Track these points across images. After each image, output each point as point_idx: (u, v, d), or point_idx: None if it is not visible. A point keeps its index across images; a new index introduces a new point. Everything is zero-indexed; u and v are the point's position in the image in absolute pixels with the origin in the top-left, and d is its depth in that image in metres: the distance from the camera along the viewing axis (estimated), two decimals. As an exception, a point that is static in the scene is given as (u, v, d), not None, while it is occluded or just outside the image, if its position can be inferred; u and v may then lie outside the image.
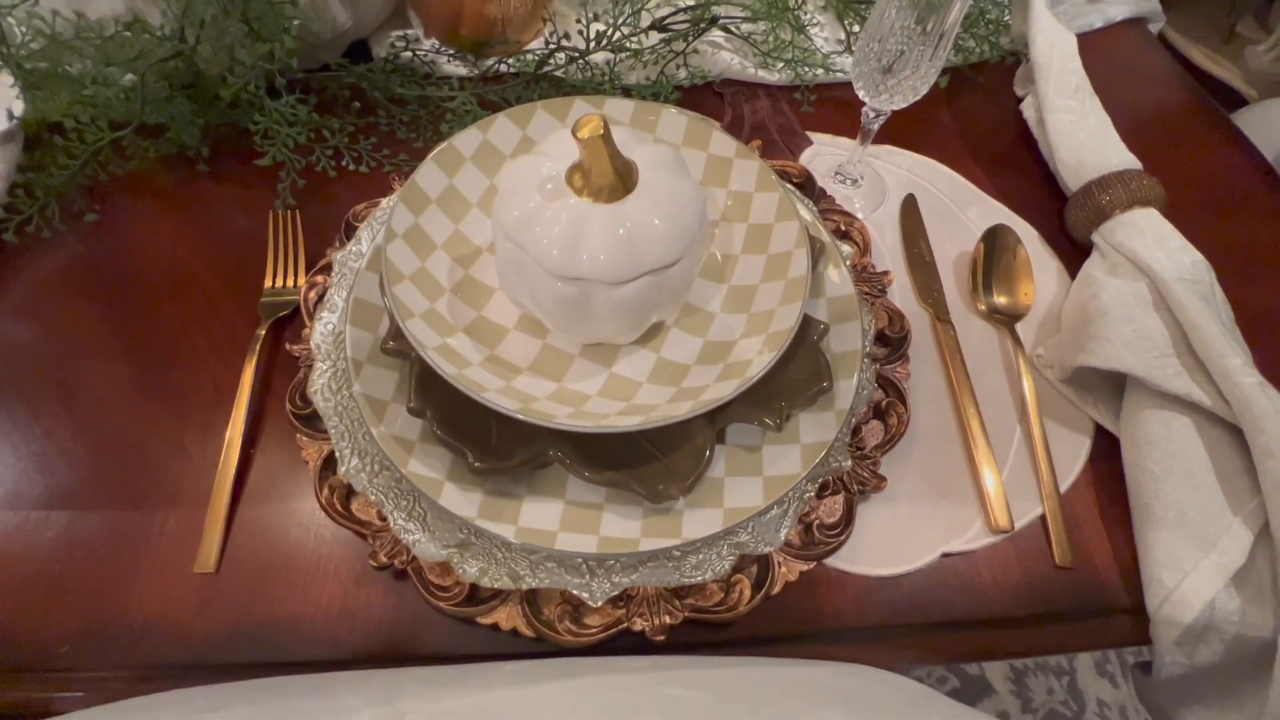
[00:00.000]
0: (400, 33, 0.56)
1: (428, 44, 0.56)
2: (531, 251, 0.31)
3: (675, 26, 0.56)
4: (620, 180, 0.32)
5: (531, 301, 0.34)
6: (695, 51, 0.57)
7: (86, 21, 0.46)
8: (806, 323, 0.36)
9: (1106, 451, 0.41)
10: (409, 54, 0.55)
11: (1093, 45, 0.57)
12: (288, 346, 0.41)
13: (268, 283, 0.45)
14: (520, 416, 0.30)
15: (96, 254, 0.47)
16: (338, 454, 0.35)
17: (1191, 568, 0.35)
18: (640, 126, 0.40)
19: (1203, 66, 1.21)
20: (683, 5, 0.57)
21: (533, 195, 0.32)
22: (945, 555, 0.37)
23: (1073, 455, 0.41)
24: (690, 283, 0.36)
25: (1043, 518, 0.39)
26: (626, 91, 0.55)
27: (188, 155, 0.49)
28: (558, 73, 0.55)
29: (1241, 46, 1.21)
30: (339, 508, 0.35)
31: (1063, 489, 0.40)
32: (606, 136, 0.30)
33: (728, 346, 0.36)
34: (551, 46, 0.53)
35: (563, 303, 0.32)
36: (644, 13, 0.55)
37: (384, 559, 0.34)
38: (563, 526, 0.33)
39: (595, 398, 0.34)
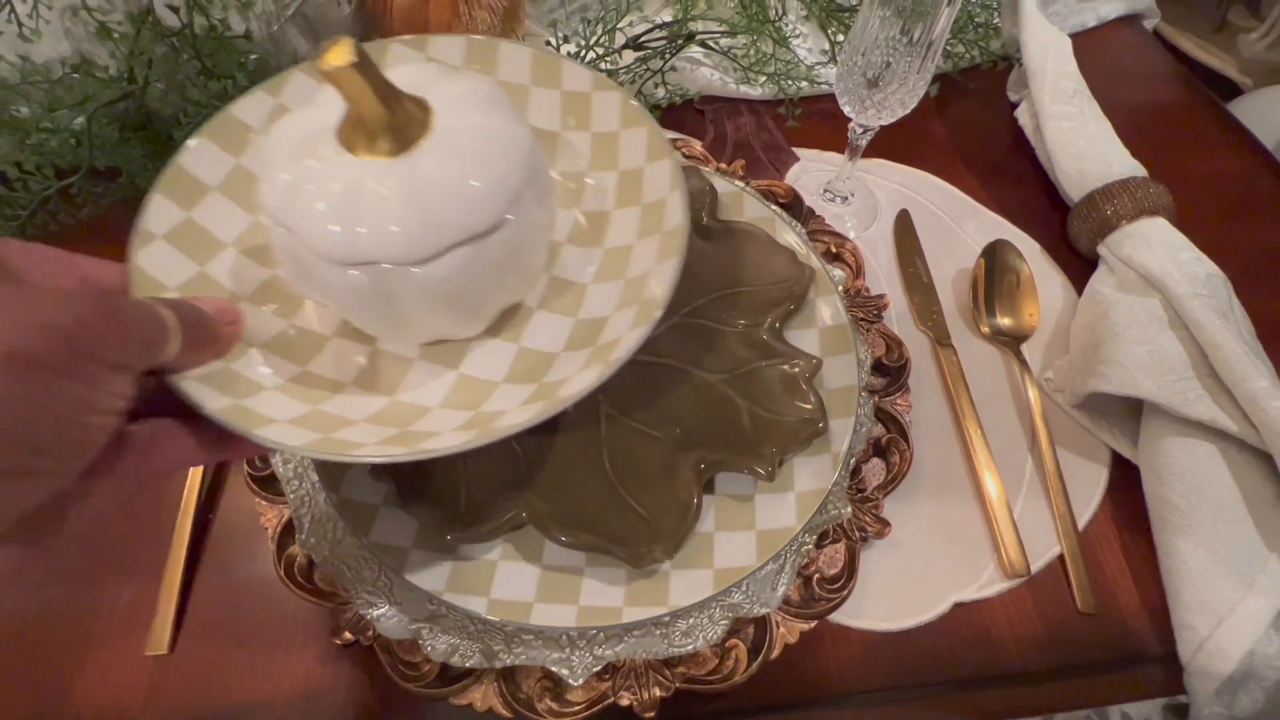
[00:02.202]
0: (366, 61, 0.54)
1: (395, 72, 0.54)
2: (300, 233, 0.25)
3: (652, 44, 0.54)
4: (401, 126, 0.25)
5: (324, 297, 0.28)
6: (673, 69, 0.55)
7: (32, 65, 0.44)
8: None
9: (1126, 481, 0.38)
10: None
11: (1087, 45, 0.55)
12: (247, 401, 0.38)
13: (228, 332, 0.42)
14: (307, 454, 0.24)
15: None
16: (296, 521, 0.33)
17: (1227, 612, 0.32)
18: (480, 69, 0.33)
19: (1195, 56, 1.19)
20: (659, 22, 0.55)
21: (297, 160, 0.25)
22: (957, 605, 0.35)
23: (1090, 487, 0.38)
24: (538, 250, 0.29)
25: (1061, 558, 0.36)
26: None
27: (143, 199, 0.47)
28: (531, 97, 0.52)
29: (1233, 35, 1.19)
30: (301, 579, 0.33)
31: (1081, 525, 0.37)
32: (365, 66, 0.23)
33: (600, 324, 0.29)
34: (522, 70, 0.51)
35: (357, 295, 0.26)
36: (618, 31, 0.53)
37: (349, 636, 0.31)
38: (539, 596, 0.30)
39: (436, 410, 0.27)
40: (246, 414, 0.24)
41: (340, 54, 0.23)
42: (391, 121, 0.24)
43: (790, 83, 0.55)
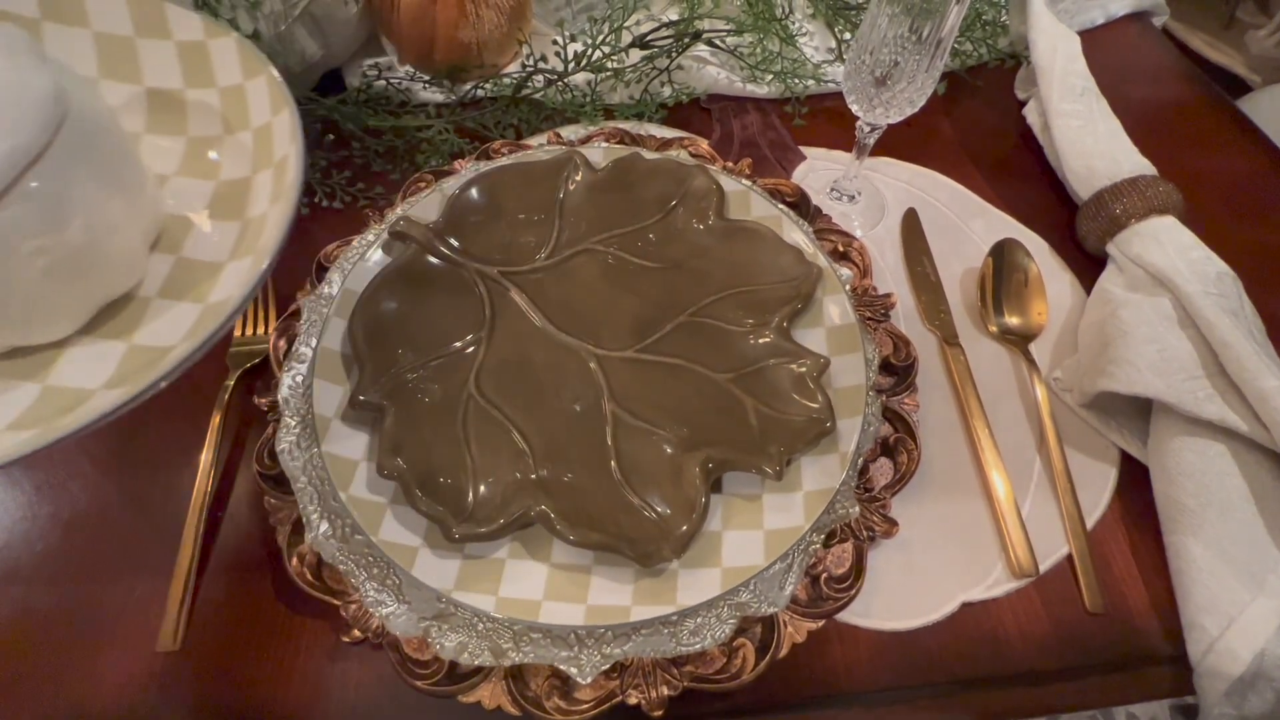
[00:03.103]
0: (373, 61, 0.54)
1: (402, 71, 0.54)
2: None
3: (658, 43, 0.54)
4: None
5: None
6: (680, 68, 0.55)
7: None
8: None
9: (1135, 480, 0.38)
10: (382, 82, 0.53)
11: (1095, 43, 0.55)
12: (255, 399, 0.38)
13: (237, 331, 0.42)
14: None
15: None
16: (305, 519, 0.33)
17: (1237, 612, 0.32)
18: (66, 21, 0.28)
19: (1203, 54, 1.19)
20: (665, 21, 0.55)
21: None
22: (965, 605, 0.34)
23: (1098, 486, 0.38)
24: (120, 242, 0.24)
25: (1069, 558, 0.36)
26: (609, 113, 0.53)
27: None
28: (537, 95, 0.53)
29: (1242, 32, 1.18)
30: (310, 576, 0.33)
31: (1090, 525, 0.37)
32: None
33: (214, 270, 0.26)
34: (529, 69, 0.51)
35: None
36: (624, 31, 0.53)
37: (357, 634, 0.31)
38: (548, 594, 0.30)
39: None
40: None
41: None
42: None
43: (797, 81, 0.55)
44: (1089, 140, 0.48)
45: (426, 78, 0.54)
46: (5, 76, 0.21)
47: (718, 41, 0.56)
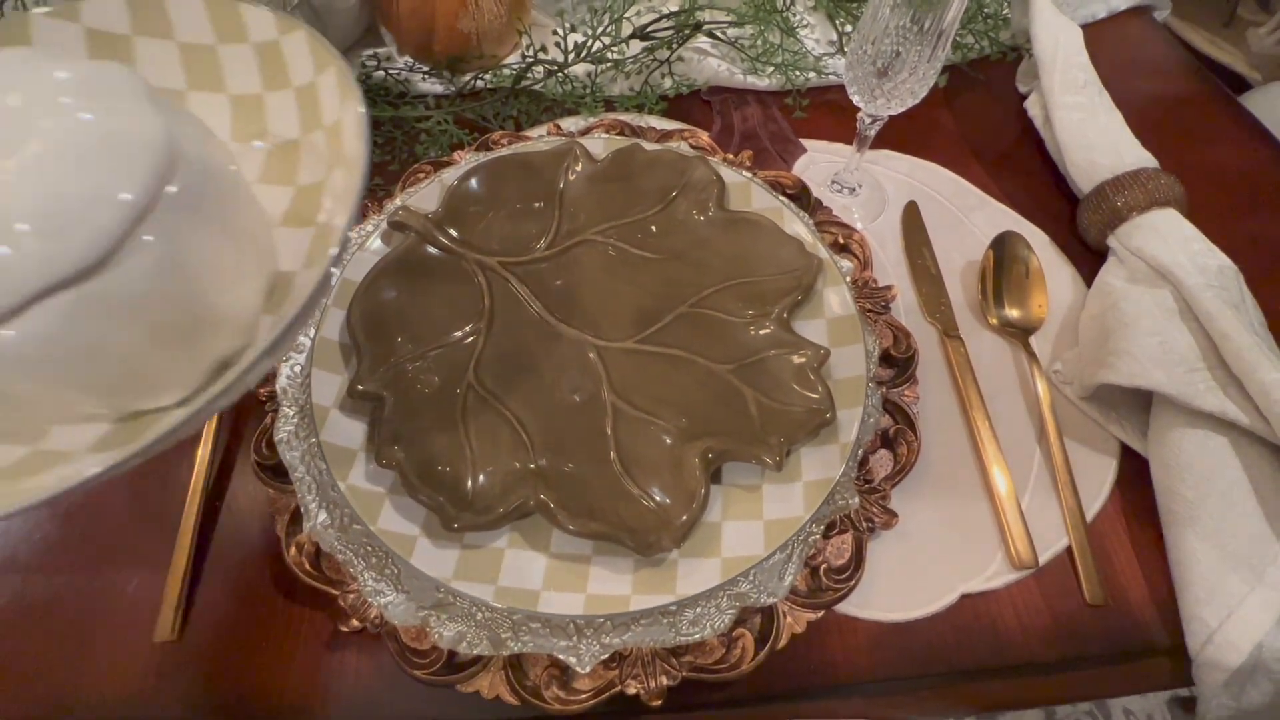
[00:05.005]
0: (372, 52, 0.54)
1: (401, 62, 0.54)
2: None
3: (658, 34, 0.53)
4: None
5: None
6: (680, 59, 0.55)
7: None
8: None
9: (1135, 473, 0.38)
10: (382, 73, 0.52)
11: (1097, 36, 0.55)
12: (253, 389, 0.38)
13: (234, 321, 0.42)
14: None
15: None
16: (303, 508, 0.32)
17: (1236, 604, 0.32)
18: (153, 33, 0.27)
19: (1204, 51, 1.18)
20: (666, 12, 0.55)
21: None
22: (965, 596, 0.34)
23: (1098, 479, 0.38)
24: (232, 295, 0.23)
25: (1069, 550, 0.36)
26: (610, 104, 0.53)
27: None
28: (536, 86, 0.52)
29: (1243, 29, 1.18)
30: (309, 566, 0.33)
31: (1089, 517, 0.37)
32: None
33: (288, 279, 0.24)
34: (528, 60, 0.51)
35: None
36: (625, 21, 0.53)
37: (355, 623, 0.31)
38: (547, 584, 0.30)
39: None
40: None
41: None
42: None
43: (798, 73, 0.55)
44: (1090, 133, 0.47)
45: (426, 68, 0.53)
46: (113, 123, 0.20)
47: (718, 33, 0.55)
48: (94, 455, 0.22)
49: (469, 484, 0.32)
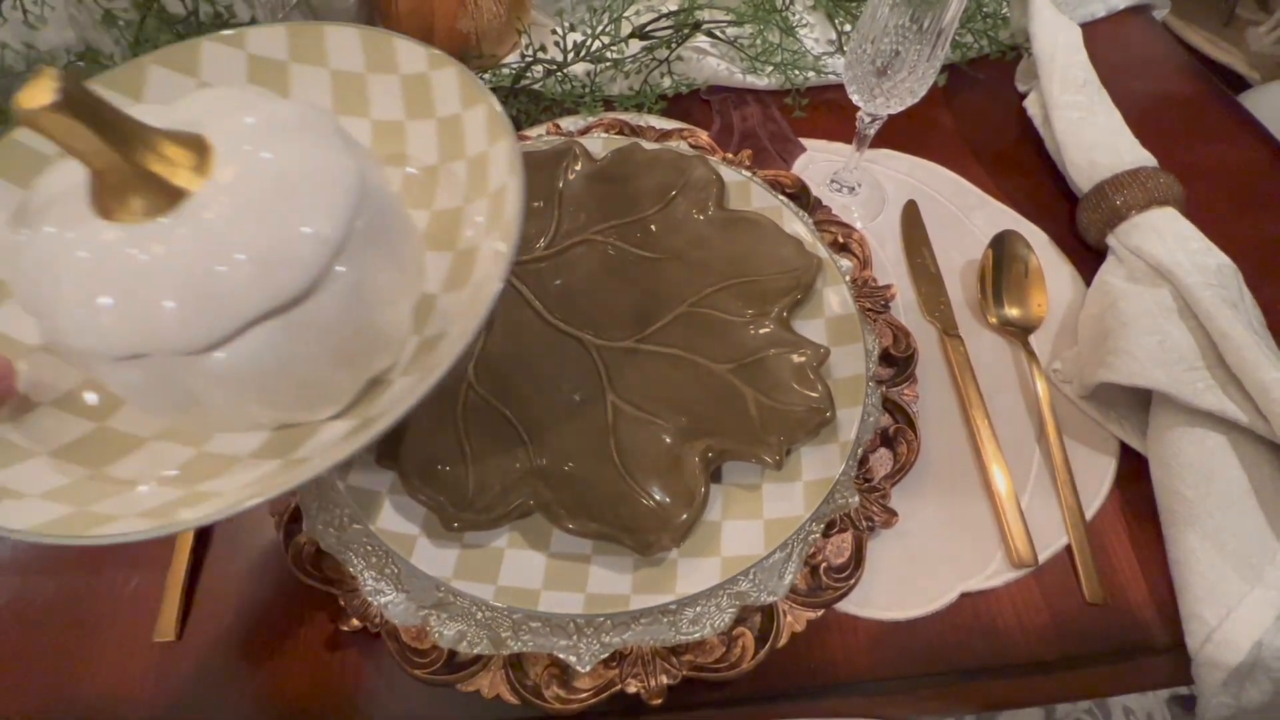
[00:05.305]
0: (371, 51, 0.54)
1: (400, 61, 0.54)
2: (47, 320, 0.20)
3: (658, 33, 0.53)
4: (155, 177, 0.19)
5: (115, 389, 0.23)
6: (679, 59, 0.55)
7: (37, 53, 0.44)
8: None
9: (1134, 472, 0.38)
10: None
11: (1096, 35, 0.55)
12: (253, 390, 0.38)
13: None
14: (31, 538, 0.20)
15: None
16: (303, 508, 0.33)
17: (1235, 603, 0.32)
18: (308, 61, 0.30)
19: (1203, 50, 1.18)
20: (665, 11, 0.55)
21: (41, 225, 0.20)
22: (964, 595, 0.34)
23: (1098, 478, 0.38)
24: (393, 306, 0.24)
25: (1069, 549, 0.36)
26: (609, 103, 0.53)
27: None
28: (536, 86, 0.52)
29: (1242, 29, 1.18)
30: (309, 566, 0.33)
31: (1089, 515, 0.37)
32: (78, 105, 0.18)
33: (429, 301, 0.26)
34: (528, 59, 0.51)
35: (137, 391, 0.21)
36: (624, 20, 0.53)
37: (355, 623, 0.31)
38: (547, 583, 0.30)
39: (228, 494, 0.23)
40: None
41: (38, 91, 0.17)
42: (139, 174, 0.19)
43: (797, 73, 0.55)
44: (1090, 132, 0.47)
45: (425, 68, 0.53)
46: (318, 160, 0.21)
47: (717, 32, 0.55)
48: (262, 461, 0.24)
49: (469, 484, 0.32)
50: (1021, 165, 0.52)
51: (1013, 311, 0.43)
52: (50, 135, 0.18)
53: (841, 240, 0.43)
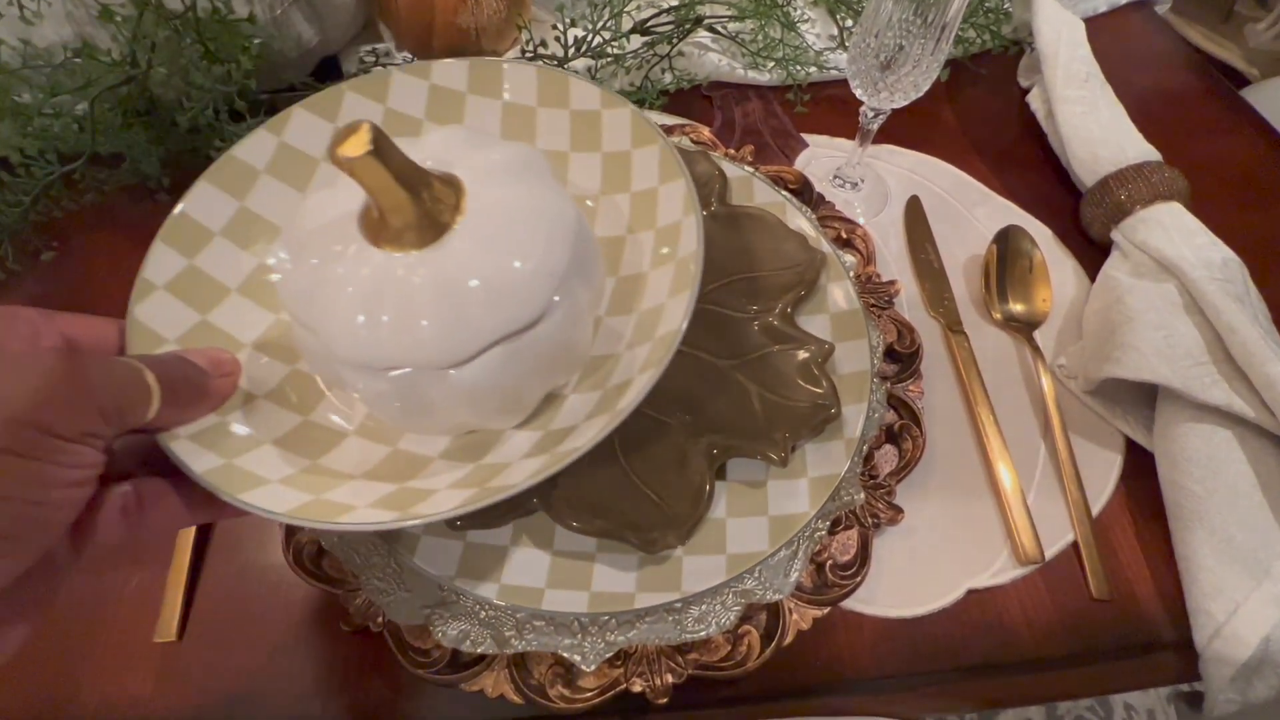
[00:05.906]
0: (370, 47, 0.54)
1: (400, 57, 0.53)
2: (321, 335, 0.23)
3: (659, 29, 0.53)
4: (429, 212, 0.22)
5: (353, 394, 0.26)
6: (680, 54, 0.54)
7: (34, 49, 0.43)
8: (703, 269, 0.26)
9: (1140, 468, 0.38)
10: (380, 68, 0.52)
11: (1098, 30, 0.54)
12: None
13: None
14: (289, 520, 0.22)
15: (54, 292, 0.44)
16: (305, 507, 0.32)
17: (1243, 598, 0.32)
18: (484, 93, 0.32)
19: (1201, 47, 1.18)
20: (666, 6, 0.55)
21: (317, 251, 0.23)
22: (971, 592, 0.34)
23: (1104, 473, 0.38)
24: (585, 331, 0.27)
25: (1075, 545, 0.36)
26: (610, 99, 0.52)
27: (147, 185, 0.47)
28: (537, 82, 0.52)
29: (1240, 25, 1.18)
30: (310, 565, 0.33)
31: (1095, 511, 0.37)
32: (383, 150, 0.21)
33: (612, 362, 0.28)
34: (528, 55, 0.51)
35: (384, 399, 0.24)
36: (625, 16, 0.52)
37: (357, 622, 0.31)
38: (551, 582, 0.30)
39: (443, 491, 0.25)
40: (234, 475, 0.22)
41: (356, 142, 0.20)
42: (418, 210, 0.22)
43: (799, 68, 0.55)
44: (1093, 127, 0.47)
45: (424, 64, 0.53)
46: (542, 199, 0.24)
47: (719, 28, 0.55)
48: (454, 463, 0.27)
49: (472, 481, 0.31)
50: (1025, 160, 0.51)
51: (1017, 307, 0.43)
52: (360, 179, 0.21)
53: (845, 236, 0.43)
